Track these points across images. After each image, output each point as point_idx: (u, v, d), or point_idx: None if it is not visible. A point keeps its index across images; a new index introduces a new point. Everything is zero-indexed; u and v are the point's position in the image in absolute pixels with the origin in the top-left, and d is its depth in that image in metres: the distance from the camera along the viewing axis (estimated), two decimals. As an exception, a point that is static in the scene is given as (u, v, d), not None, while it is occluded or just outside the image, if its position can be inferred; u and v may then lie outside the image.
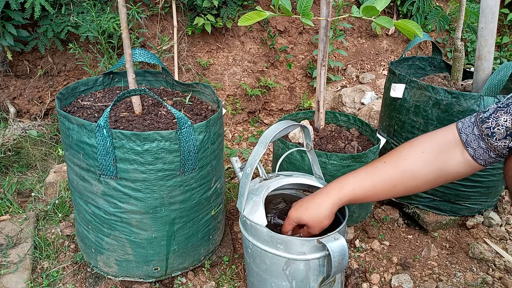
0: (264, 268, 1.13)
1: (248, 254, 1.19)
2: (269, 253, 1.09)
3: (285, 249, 1.06)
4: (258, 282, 1.19)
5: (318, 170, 1.29)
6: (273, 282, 1.14)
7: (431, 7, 3.11)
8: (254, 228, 1.10)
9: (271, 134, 1.08)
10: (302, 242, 1.04)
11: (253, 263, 1.17)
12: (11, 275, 1.44)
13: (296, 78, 3.05)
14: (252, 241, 1.12)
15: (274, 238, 1.06)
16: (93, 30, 2.27)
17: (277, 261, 1.09)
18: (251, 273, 1.21)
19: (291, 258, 1.06)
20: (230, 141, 2.70)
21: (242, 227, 1.18)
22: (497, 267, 1.62)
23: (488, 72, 1.62)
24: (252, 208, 1.12)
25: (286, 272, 1.09)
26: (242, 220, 1.16)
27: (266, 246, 1.09)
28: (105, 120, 1.09)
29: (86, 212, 1.28)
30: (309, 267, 1.07)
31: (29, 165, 2.22)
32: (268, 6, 2.83)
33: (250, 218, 1.10)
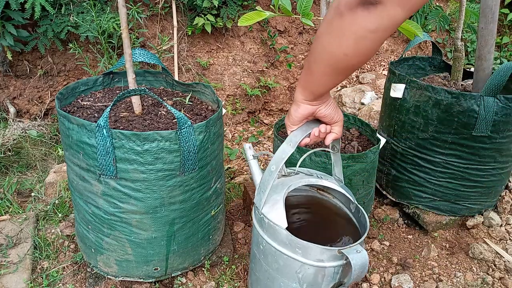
0: (276, 267, 1.11)
1: (258, 250, 1.16)
2: (284, 254, 1.07)
3: (303, 254, 1.04)
4: (265, 279, 1.17)
5: (339, 172, 1.26)
6: (282, 282, 1.12)
7: (431, 7, 3.11)
8: (272, 228, 1.07)
9: (302, 134, 1.03)
10: (322, 250, 1.02)
11: (264, 260, 1.15)
12: (11, 275, 1.44)
13: (296, 78, 3.05)
14: (267, 240, 1.09)
15: (293, 242, 1.04)
16: (93, 30, 2.27)
17: (292, 263, 1.07)
18: (259, 268, 1.19)
19: (308, 264, 1.04)
20: (230, 141, 2.70)
21: (257, 224, 1.14)
22: (497, 267, 1.62)
23: (488, 72, 1.62)
24: (272, 207, 1.09)
25: (299, 275, 1.07)
26: (259, 217, 1.12)
27: (283, 247, 1.06)
28: (105, 120, 1.09)
29: (86, 212, 1.28)
30: (324, 274, 1.06)
31: (29, 165, 2.22)
32: (268, 6, 2.83)
33: (269, 217, 1.07)
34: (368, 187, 1.57)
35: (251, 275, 1.29)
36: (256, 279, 1.22)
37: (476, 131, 1.55)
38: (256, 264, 1.21)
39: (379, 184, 1.94)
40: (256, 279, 1.22)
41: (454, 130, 1.58)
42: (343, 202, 1.26)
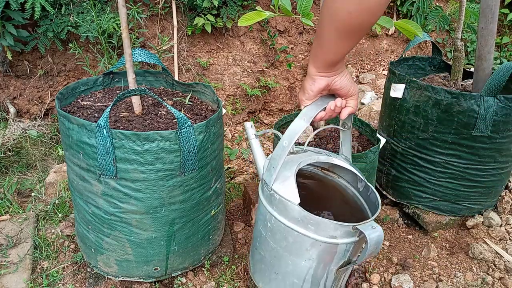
0: (284, 245, 1.08)
1: (265, 228, 1.12)
2: (295, 231, 1.03)
3: (315, 230, 1.01)
4: (271, 257, 1.14)
5: (347, 151, 1.22)
6: (290, 260, 1.09)
7: (431, 7, 3.11)
8: (283, 204, 1.04)
9: (317, 108, 1.01)
10: (336, 226, 0.99)
11: (271, 238, 1.11)
12: (11, 275, 1.44)
13: (296, 78, 3.05)
14: (277, 217, 1.06)
15: (306, 218, 1.00)
16: (93, 30, 2.27)
17: (302, 240, 1.04)
18: (265, 247, 1.15)
19: (320, 240, 1.01)
20: (230, 141, 2.70)
21: (266, 201, 1.10)
22: (497, 267, 1.62)
23: (488, 72, 1.62)
24: (283, 183, 1.05)
25: (309, 252, 1.05)
26: (268, 193, 1.08)
27: (294, 224, 1.03)
28: (105, 120, 1.09)
29: (86, 212, 1.28)
30: (335, 251, 1.04)
31: (29, 165, 2.22)
32: (268, 6, 2.83)
33: (281, 193, 1.03)
34: (368, 187, 1.57)
35: (253, 255, 1.25)
36: (261, 258, 1.19)
37: (476, 131, 1.55)
38: (261, 243, 1.17)
39: (379, 184, 1.94)
40: (261, 258, 1.19)
41: (454, 130, 1.58)
42: (350, 182, 1.24)
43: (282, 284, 1.15)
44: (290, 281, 1.13)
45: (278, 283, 1.16)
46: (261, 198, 1.13)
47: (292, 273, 1.11)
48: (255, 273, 1.25)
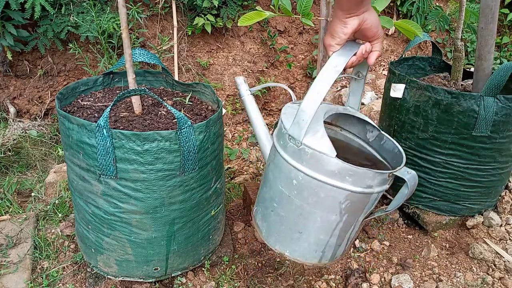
0: (314, 201, 1.03)
1: (289, 186, 1.06)
2: (329, 185, 0.98)
3: (352, 182, 0.97)
4: (295, 216, 1.08)
5: (355, 103, 1.16)
6: (319, 216, 1.04)
7: (431, 7, 3.11)
8: (317, 159, 0.98)
9: (348, 53, 0.96)
10: (375, 175, 0.97)
11: (297, 196, 1.05)
12: (11, 275, 1.44)
13: (296, 78, 3.05)
14: (307, 172, 1.00)
15: (344, 170, 0.96)
16: (93, 30, 2.27)
17: (336, 194, 0.99)
18: (287, 207, 1.09)
19: (356, 191, 0.98)
20: (230, 141, 2.70)
21: (290, 157, 1.03)
22: (497, 267, 1.62)
23: (488, 72, 1.62)
24: (313, 136, 0.99)
25: (342, 205, 1.01)
26: (296, 149, 1.00)
27: (329, 178, 0.98)
28: (105, 120, 1.09)
29: (86, 212, 1.28)
30: (368, 201, 1.01)
31: (29, 165, 2.22)
32: (268, 6, 2.83)
33: (314, 147, 0.97)
34: (368, 187, 1.57)
35: (267, 218, 1.17)
36: (280, 219, 1.12)
37: (476, 131, 1.55)
38: (282, 203, 1.10)
39: (379, 184, 1.94)
40: (280, 219, 1.12)
41: (454, 130, 1.58)
42: (356, 134, 1.20)
43: (305, 243, 1.10)
44: (315, 238, 1.08)
45: (301, 242, 1.10)
46: (283, 156, 1.05)
47: (320, 229, 1.06)
48: (269, 236, 1.17)
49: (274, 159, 1.10)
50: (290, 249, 1.13)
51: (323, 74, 0.95)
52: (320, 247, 1.09)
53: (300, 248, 1.11)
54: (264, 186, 1.17)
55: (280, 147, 1.06)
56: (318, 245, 1.09)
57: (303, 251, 1.11)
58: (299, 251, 1.12)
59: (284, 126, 1.04)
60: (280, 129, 1.07)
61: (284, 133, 1.03)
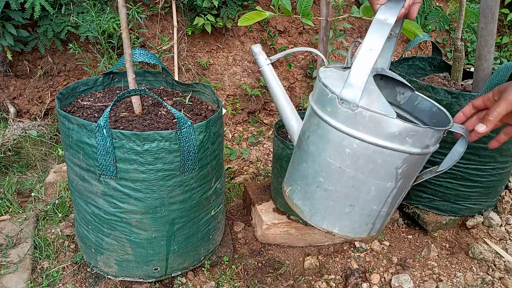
0: (370, 169, 0.96)
1: (340, 157, 0.98)
2: (388, 149, 0.92)
3: (412, 143, 0.91)
4: (347, 189, 1.01)
5: (385, 62, 1.10)
6: (374, 185, 0.98)
7: (431, 7, 3.11)
8: (376, 121, 0.91)
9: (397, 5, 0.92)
10: (434, 132, 0.92)
11: (350, 166, 0.98)
12: (11, 275, 1.44)
13: (296, 78, 3.05)
14: (364, 138, 0.93)
15: (406, 130, 0.90)
16: (93, 30, 2.27)
17: (394, 158, 0.94)
18: (337, 179, 1.01)
19: (414, 153, 0.92)
20: (230, 141, 2.70)
21: (342, 124, 0.95)
22: (497, 267, 1.62)
23: (488, 72, 1.62)
24: (369, 98, 0.92)
25: (399, 170, 0.95)
26: (351, 113, 0.93)
27: (388, 141, 0.92)
28: (105, 120, 1.09)
29: (86, 212, 1.28)
30: (422, 162, 0.97)
31: (29, 165, 2.22)
32: (268, 6, 2.83)
33: (373, 109, 0.90)
34: (368, 187, 1.57)
35: (310, 196, 1.08)
36: (328, 194, 1.04)
37: (476, 131, 1.55)
38: (330, 176, 1.02)
39: (379, 184, 1.94)
40: (328, 194, 1.04)
41: (454, 130, 1.58)
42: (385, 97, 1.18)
43: (357, 217, 1.04)
44: (368, 209, 1.03)
45: (352, 216, 1.04)
46: (332, 124, 0.96)
47: (373, 199, 1.01)
48: (314, 215, 1.09)
49: (317, 130, 1.01)
50: (339, 225, 1.06)
51: (373, 28, 0.90)
52: (372, 219, 1.04)
53: (351, 222, 1.05)
54: (303, 162, 1.08)
55: (327, 114, 0.97)
56: (369, 217, 1.03)
57: (353, 225, 1.05)
58: (349, 226, 1.05)
59: (331, 90, 0.95)
60: (324, 96, 0.98)
61: (333, 98, 0.95)
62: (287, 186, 1.16)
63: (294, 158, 1.13)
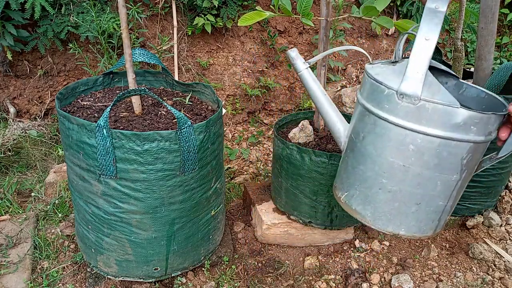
0: (435, 163, 0.94)
1: (404, 154, 0.95)
2: (453, 141, 0.90)
3: (476, 131, 0.89)
4: (413, 187, 0.98)
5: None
6: (440, 180, 0.96)
7: (431, 7, 3.11)
8: (440, 113, 0.88)
9: None
10: (496, 118, 0.89)
11: (414, 163, 0.95)
12: (11, 275, 1.44)
13: (296, 78, 3.04)
14: (428, 132, 0.90)
15: (471, 119, 0.87)
16: (93, 30, 2.27)
17: (460, 149, 0.91)
18: (401, 179, 0.98)
19: (478, 141, 0.91)
20: (230, 141, 2.70)
21: (404, 119, 0.92)
22: (497, 267, 1.62)
23: (488, 72, 1.62)
24: (429, 90, 0.90)
25: (464, 161, 0.93)
26: (412, 107, 0.90)
27: (454, 132, 0.89)
28: (105, 120, 1.09)
29: (86, 212, 1.28)
30: (483, 150, 0.95)
31: (29, 165, 2.22)
32: (268, 6, 2.83)
33: (436, 100, 0.88)
34: (368, 187, 1.57)
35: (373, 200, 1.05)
36: (392, 196, 1.01)
37: (476, 131, 1.55)
38: (393, 177, 0.99)
39: (379, 184, 1.94)
40: (392, 196, 1.01)
41: (454, 130, 1.58)
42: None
43: (423, 214, 1.01)
44: (434, 206, 1.00)
45: (418, 215, 1.01)
46: (392, 121, 0.94)
47: (439, 194, 0.98)
48: (377, 219, 1.06)
49: (374, 129, 0.98)
50: (406, 226, 1.03)
51: (426, 18, 0.88)
52: (438, 215, 1.02)
53: (417, 221, 1.02)
54: (359, 165, 1.05)
55: (385, 111, 0.94)
56: (436, 213, 1.01)
57: (420, 224, 1.03)
58: (416, 225, 1.03)
59: (388, 86, 0.93)
60: (378, 92, 0.96)
61: (390, 94, 0.92)
62: (342, 192, 1.12)
63: (346, 162, 1.10)
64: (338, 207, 1.54)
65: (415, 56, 0.88)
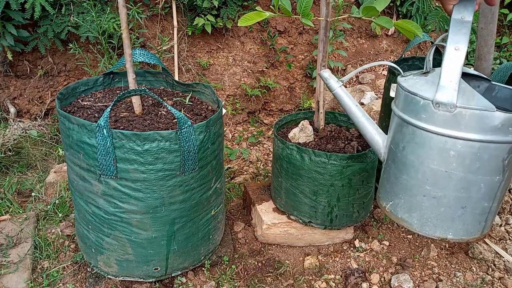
0: (476, 167, 0.96)
1: (445, 161, 0.99)
2: (493, 143, 0.92)
3: None
4: (457, 191, 1.00)
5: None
6: (483, 182, 0.98)
7: (431, 7, 3.11)
8: (477, 118, 0.91)
9: (472, 3, 0.95)
10: None
11: (457, 169, 0.98)
12: (11, 275, 1.44)
13: (296, 78, 3.05)
14: (467, 137, 0.93)
15: (508, 121, 0.90)
16: (93, 30, 2.27)
17: (500, 151, 0.94)
18: (444, 185, 1.01)
19: None
20: (230, 141, 2.71)
21: (442, 127, 0.95)
22: (497, 267, 1.62)
23: (488, 72, 1.62)
24: (464, 96, 0.93)
25: (505, 162, 0.95)
26: (449, 115, 0.94)
27: (493, 135, 0.92)
28: (105, 120, 1.09)
29: (87, 212, 1.28)
30: None
31: (29, 165, 2.22)
32: (268, 6, 2.84)
33: (472, 106, 0.91)
34: (368, 187, 1.57)
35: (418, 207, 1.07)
36: (437, 202, 1.03)
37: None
38: (436, 184, 1.02)
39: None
40: (437, 202, 1.03)
41: (454, 130, 1.58)
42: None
43: (470, 217, 1.04)
44: (480, 208, 1.02)
45: (465, 218, 1.04)
46: (431, 129, 0.98)
47: (484, 196, 1.01)
48: (424, 225, 1.08)
49: (413, 139, 1.03)
50: (453, 230, 1.06)
51: (453, 29, 0.92)
52: (484, 217, 1.04)
53: (464, 224, 1.05)
54: (402, 174, 1.08)
55: (423, 121, 0.99)
56: (482, 215, 1.03)
57: (467, 227, 1.05)
58: (463, 228, 1.05)
59: (423, 96, 0.98)
60: (414, 103, 1.00)
61: (426, 104, 0.97)
62: (386, 202, 1.16)
63: (388, 172, 1.14)
64: (337, 206, 1.54)
65: (447, 66, 0.92)
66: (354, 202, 1.55)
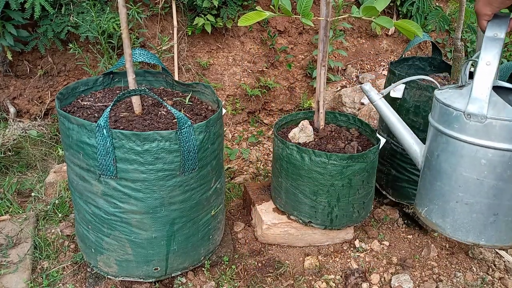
0: (508, 175, 1.01)
1: (476, 169, 1.04)
2: None
3: None
4: (489, 198, 1.05)
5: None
6: None
7: (431, 7, 3.11)
8: (507, 128, 0.97)
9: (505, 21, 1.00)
10: None
11: (488, 176, 1.03)
12: (11, 275, 1.44)
13: (296, 78, 3.05)
14: (498, 146, 0.99)
15: None
16: (93, 30, 2.27)
17: None
18: (476, 192, 1.06)
19: None
20: (230, 141, 2.70)
21: (474, 137, 1.02)
22: (497, 267, 1.62)
23: (488, 72, 1.61)
24: (495, 108, 0.99)
25: None
26: (479, 126, 1.00)
27: None
28: (105, 120, 1.09)
29: (86, 212, 1.28)
30: None
31: (29, 165, 2.22)
32: (268, 6, 2.83)
33: (502, 117, 0.97)
34: (368, 187, 1.57)
35: (451, 213, 1.12)
36: (469, 209, 1.08)
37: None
38: (468, 190, 1.07)
39: (379, 184, 1.94)
40: (469, 209, 1.08)
41: (454, 130, 1.58)
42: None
43: (502, 224, 1.08)
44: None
45: (497, 225, 1.08)
46: (463, 139, 1.04)
47: None
48: (457, 230, 1.13)
49: (447, 148, 1.09)
50: (486, 236, 1.10)
51: (486, 45, 0.98)
52: None
53: (497, 231, 1.08)
54: (436, 181, 1.15)
55: (455, 131, 1.05)
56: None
57: (499, 234, 1.09)
58: (495, 235, 1.09)
59: (456, 108, 1.04)
60: (448, 115, 1.07)
61: (459, 115, 1.04)
62: (422, 208, 1.22)
63: (424, 179, 1.20)
64: (338, 207, 1.54)
65: (478, 79, 0.99)
66: (354, 202, 1.55)
